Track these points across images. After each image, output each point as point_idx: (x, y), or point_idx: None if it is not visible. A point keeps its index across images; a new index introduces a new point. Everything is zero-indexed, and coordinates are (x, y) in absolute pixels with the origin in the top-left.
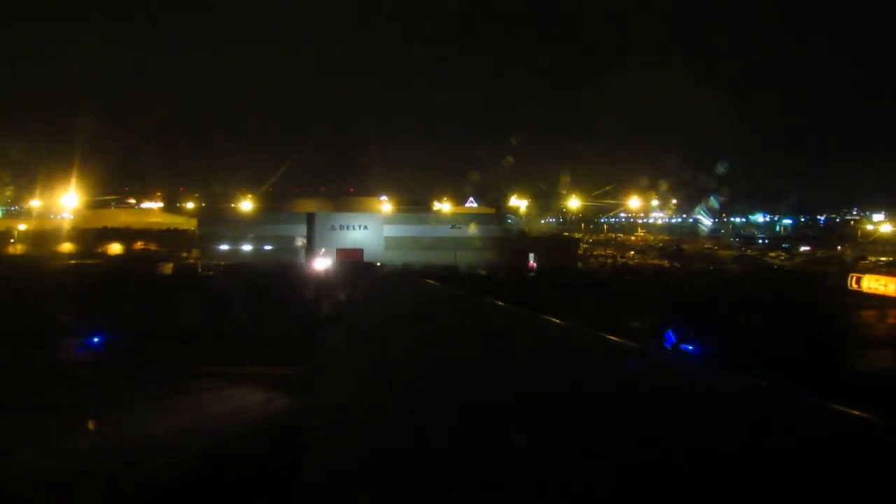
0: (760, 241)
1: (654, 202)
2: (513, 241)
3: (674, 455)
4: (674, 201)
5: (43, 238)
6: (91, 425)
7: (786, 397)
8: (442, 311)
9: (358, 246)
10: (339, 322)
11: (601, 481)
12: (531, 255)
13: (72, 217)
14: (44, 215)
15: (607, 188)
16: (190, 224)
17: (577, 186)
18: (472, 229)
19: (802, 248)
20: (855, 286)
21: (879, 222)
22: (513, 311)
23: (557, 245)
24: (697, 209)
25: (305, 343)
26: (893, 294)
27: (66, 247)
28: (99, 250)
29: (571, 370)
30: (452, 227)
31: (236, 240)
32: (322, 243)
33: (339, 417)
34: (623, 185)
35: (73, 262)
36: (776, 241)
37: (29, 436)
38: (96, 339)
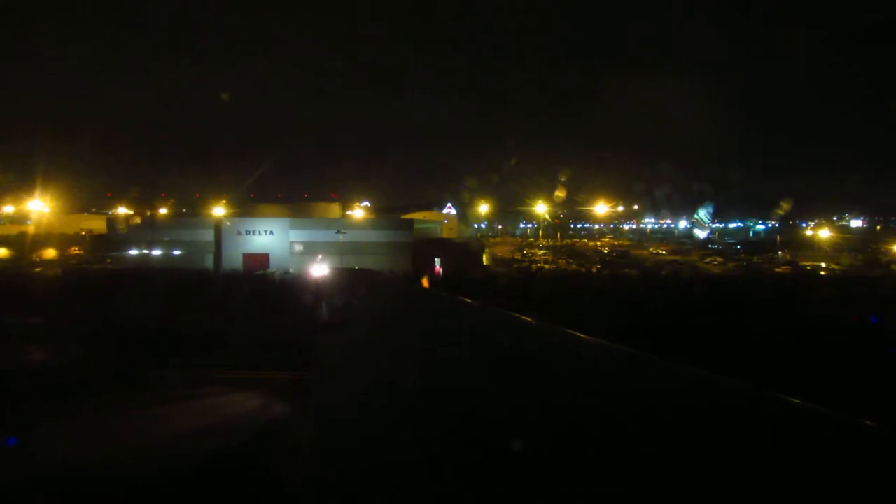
0: (739, 248)
1: (620, 208)
2: (420, 247)
3: (672, 459)
4: (635, 207)
5: None
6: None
7: (785, 402)
8: (434, 315)
9: (264, 251)
10: (340, 329)
11: (600, 485)
12: (437, 261)
13: (35, 223)
14: (19, 221)
15: (577, 197)
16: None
17: (547, 193)
18: (388, 235)
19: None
20: None
21: (819, 227)
22: (502, 313)
23: (464, 251)
24: (687, 216)
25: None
26: None
27: (2, 252)
28: (34, 256)
29: (567, 373)
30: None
31: (147, 244)
32: (229, 248)
33: (338, 423)
34: (597, 192)
35: None
36: (752, 246)
37: (25, 442)
38: None
